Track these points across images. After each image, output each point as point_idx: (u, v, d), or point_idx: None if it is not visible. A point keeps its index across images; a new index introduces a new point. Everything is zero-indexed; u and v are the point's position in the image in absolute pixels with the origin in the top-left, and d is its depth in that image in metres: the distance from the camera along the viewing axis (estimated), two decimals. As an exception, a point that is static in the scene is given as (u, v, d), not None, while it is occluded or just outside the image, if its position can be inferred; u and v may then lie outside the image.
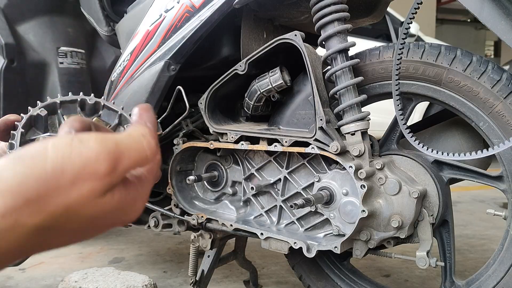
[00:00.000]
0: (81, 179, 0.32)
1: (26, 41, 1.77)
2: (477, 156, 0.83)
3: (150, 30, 1.20)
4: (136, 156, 0.36)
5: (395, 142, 1.05)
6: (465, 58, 0.94)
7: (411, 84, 1.00)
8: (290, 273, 1.69)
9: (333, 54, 1.00)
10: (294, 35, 1.01)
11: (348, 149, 0.98)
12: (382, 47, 1.05)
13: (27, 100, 1.72)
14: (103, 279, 1.39)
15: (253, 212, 1.18)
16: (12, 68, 1.66)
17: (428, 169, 1.00)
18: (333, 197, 1.01)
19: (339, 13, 0.99)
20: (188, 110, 1.14)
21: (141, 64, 1.20)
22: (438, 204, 0.99)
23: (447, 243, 1.05)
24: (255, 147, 1.10)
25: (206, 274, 1.31)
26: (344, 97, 1.00)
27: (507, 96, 0.90)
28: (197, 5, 1.10)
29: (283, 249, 1.06)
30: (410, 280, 1.68)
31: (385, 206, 0.97)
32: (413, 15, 0.89)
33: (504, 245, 0.96)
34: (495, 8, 0.82)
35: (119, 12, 1.51)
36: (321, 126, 0.99)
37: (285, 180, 1.12)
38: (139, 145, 0.37)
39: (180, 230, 1.29)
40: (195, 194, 1.28)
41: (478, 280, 0.99)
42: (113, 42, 1.54)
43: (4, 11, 1.74)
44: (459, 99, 0.95)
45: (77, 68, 1.82)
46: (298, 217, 1.10)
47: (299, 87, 1.10)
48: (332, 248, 0.99)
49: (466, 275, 1.68)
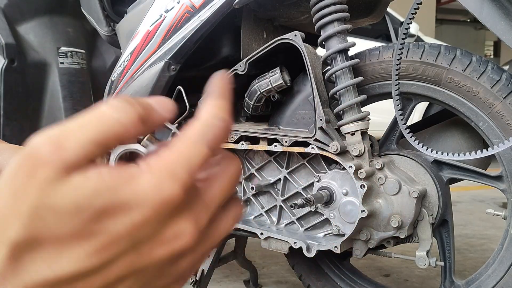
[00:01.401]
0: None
1: (27, 41, 1.77)
2: (476, 156, 0.83)
3: (150, 30, 1.20)
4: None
5: (395, 142, 1.06)
6: (464, 58, 0.95)
7: (411, 84, 1.01)
8: (290, 273, 1.69)
9: (333, 54, 1.00)
10: (294, 35, 1.02)
11: (348, 149, 0.99)
12: (382, 47, 1.06)
13: (27, 100, 1.72)
14: (103, 279, 1.38)
15: (253, 212, 1.18)
16: (12, 68, 1.66)
17: (427, 169, 1.00)
18: (333, 197, 1.02)
19: (339, 13, 0.99)
20: (188, 110, 1.15)
21: (141, 64, 1.20)
22: (438, 204, 1.00)
23: (446, 243, 1.05)
24: (255, 147, 1.10)
25: (206, 273, 1.31)
26: (344, 97, 1.00)
27: (506, 96, 0.90)
28: (197, 5, 1.10)
29: (283, 248, 1.06)
30: (410, 279, 1.68)
31: (385, 206, 0.97)
32: (413, 15, 0.89)
33: (503, 245, 0.96)
34: (495, 8, 0.83)
35: (120, 12, 1.51)
36: (321, 126, 0.99)
37: (285, 180, 1.12)
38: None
39: (180, 230, 1.29)
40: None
41: (478, 279, 1.00)
42: (114, 42, 1.54)
43: (4, 11, 1.74)
44: (459, 99, 0.96)
45: (78, 68, 1.82)
46: (298, 217, 1.10)
47: (299, 87, 1.11)
48: (332, 248, 1.00)
49: (465, 274, 1.68)
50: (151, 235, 0.25)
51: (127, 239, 0.25)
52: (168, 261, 0.27)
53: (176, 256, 0.27)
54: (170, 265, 0.27)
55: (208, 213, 0.28)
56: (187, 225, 0.26)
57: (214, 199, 0.28)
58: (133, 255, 0.25)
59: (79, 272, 0.24)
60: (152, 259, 0.26)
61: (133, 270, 0.26)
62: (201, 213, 0.27)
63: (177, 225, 0.26)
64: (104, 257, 0.24)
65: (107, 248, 0.24)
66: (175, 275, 0.28)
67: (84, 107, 1.77)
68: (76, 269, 0.24)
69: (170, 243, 0.26)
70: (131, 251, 0.25)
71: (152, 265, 0.26)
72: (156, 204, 0.25)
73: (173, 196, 0.25)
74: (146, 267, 0.26)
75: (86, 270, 0.24)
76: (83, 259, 0.24)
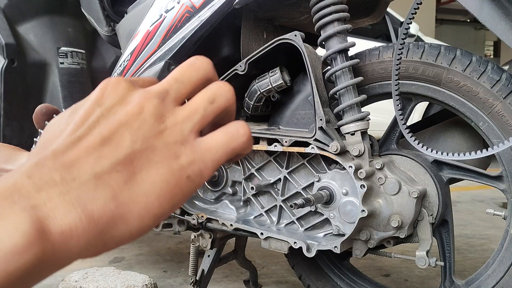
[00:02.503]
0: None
1: (27, 41, 1.77)
2: (476, 156, 0.83)
3: (150, 30, 1.20)
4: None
5: (394, 142, 1.06)
6: (464, 58, 0.95)
7: (411, 84, 1.01)
8: (290, 273, 1.69)
9: (333, 54, 1.00)
10: (294, 35, 1.02)
11: (348, 149, 0.99)
12: (381, 47, 1.06)
13: (27, 100, 1.73)
14: (103, 278, 1.39)
15: (253, 212, 1.18)
16: (12, 68, 1.66)
17: (427, 169, 1.00)
18: (333, 197, 1.02)
19: (339, 13, 0.99)
20: (188, 110, 1.14)
21: (142, 64, 1.20)
22: (438, 204, 1.00)
23: (446, 243, 1.05)
24: (255, 147, 1.10)
25: (206, 273, 1.31)
26: (344, 97, 1.00)
27: (506, 96, 0.90)
28: (197, 5, 1.11)
29: (283, 248, 1.06)
30: (410, 279, 1.68)
31: (385, 206, 0.97)
32: (413, 15, 0.89)
33: (503, 245, 0.96)
34: (495, 8, 0.83)
35: (120, 12, 1.51)
36: (321, 126, 0.99)
37: (285, 180, 1.12)
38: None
39: (180, 230, 1.29)
40: (195, 193, 1.28)
41: (478, 279, 1.00)
42: (114, 42, 1.54)
43: (4, 11, 1.74)
44: (459, 99, 0.96)
45: (78, 68, 1.82)
46: (298, 217, 1.10)
47: (299, 87, 1.11)
48: (332, 247, 1.00)
49: (465, 274, 1.68)
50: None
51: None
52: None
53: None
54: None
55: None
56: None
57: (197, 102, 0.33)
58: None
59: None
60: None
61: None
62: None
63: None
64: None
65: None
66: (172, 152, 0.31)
67: (84, 107, 1.77)
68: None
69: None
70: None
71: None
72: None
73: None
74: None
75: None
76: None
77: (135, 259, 1.90)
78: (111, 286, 1.34)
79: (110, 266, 1.68)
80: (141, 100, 0.30)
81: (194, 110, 0.31)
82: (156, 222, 0.30)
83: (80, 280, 1.38)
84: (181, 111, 0.31)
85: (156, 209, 0.29)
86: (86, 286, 1.35)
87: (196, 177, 0.31)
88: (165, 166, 0.29)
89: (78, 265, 1.79)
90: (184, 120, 0.31)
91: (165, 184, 0.29)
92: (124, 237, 0.28)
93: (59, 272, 1.41)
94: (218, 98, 0.32)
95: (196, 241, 1.23)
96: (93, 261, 1.86)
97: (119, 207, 0.28)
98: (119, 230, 0.28)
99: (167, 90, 0.32)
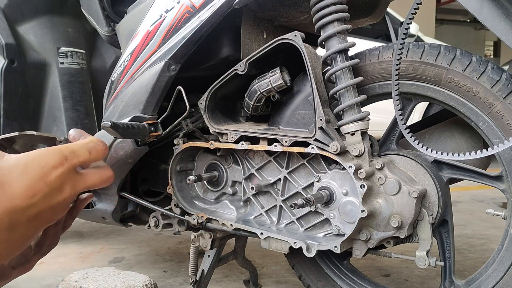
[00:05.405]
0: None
1: (27, 41, 1.77)
2: (476, 156, 0.83)
3: (150, 30, 1.20)
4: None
5: (394, 142, 1.06)
6: (464, 58, 0.95)
7: (411, 84, 1.01)
8: (290, 273, 1.69)
9: (333, 54, 1.00)
10: (294, 35, 1.02)
11: (348, 149, 0.99)
12: (381, 47, 1.06)
13: (27, 101, 1.73)
14: (103, 278, 1.39)
15: (253, 212, 1.18)
16: (12, 68, 1.66)
17: (427, 169, 1.00)
18: (333, 197, 1.02)
19: (339, 14, 0.99)
20: (188, 110, 1.15)
21: (142, 64, 1.20)
22: (438, 204, 1.00)
23: (446, 243, 1.05)
24: (255, 147, 1.10)
25: (206, 273, 1.31)
26: (344, 97, 1.00)
27: (506, 96, 0.90)
28: (197, 5, 1.11)
29: (283, 248, 1.06)
30: (410, 279, 1.68)
31: (385, 206, 0.97)
32: (413, 15, 0.89)
33: (503, 245, 0.96)
34: (495, 8, 0.83)
35: (120, 13, 1.51)
36: (321, 126, 0.99)
37: (285, 180, 1.12)
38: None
39: (180, 230, 1.29)
40: (195, 194, 1.28)
41: (478, 279, 1.00)
42: (114, 42, 1.54)
43: (4, 11, 1.74)
44: (459, 99, 0.96)
45: (78, 68, 1.82)
46: (298, 217, 1.10)
47: (299, 87, 1.11)
48: (332, 247, 1.00)
49: (465, 274, 1.69)
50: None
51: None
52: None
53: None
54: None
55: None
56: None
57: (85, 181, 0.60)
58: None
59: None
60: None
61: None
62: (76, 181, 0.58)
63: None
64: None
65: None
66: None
67: (84, 107, 1.77)
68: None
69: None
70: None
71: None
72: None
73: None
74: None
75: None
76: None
77: (135, 259, 1.90)
78: (111, 286, 1.34)
79: (110, 266, 1.68)
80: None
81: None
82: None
83: (80, 280, 1.38)
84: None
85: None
86: (86, 286, 1.35)
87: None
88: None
89: (78, 265, 1.79)
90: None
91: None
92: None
93: (59, 272, 1.42)
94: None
95: (196, 241, 1.23)
96: (93, 261, 1.86)
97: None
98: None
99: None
